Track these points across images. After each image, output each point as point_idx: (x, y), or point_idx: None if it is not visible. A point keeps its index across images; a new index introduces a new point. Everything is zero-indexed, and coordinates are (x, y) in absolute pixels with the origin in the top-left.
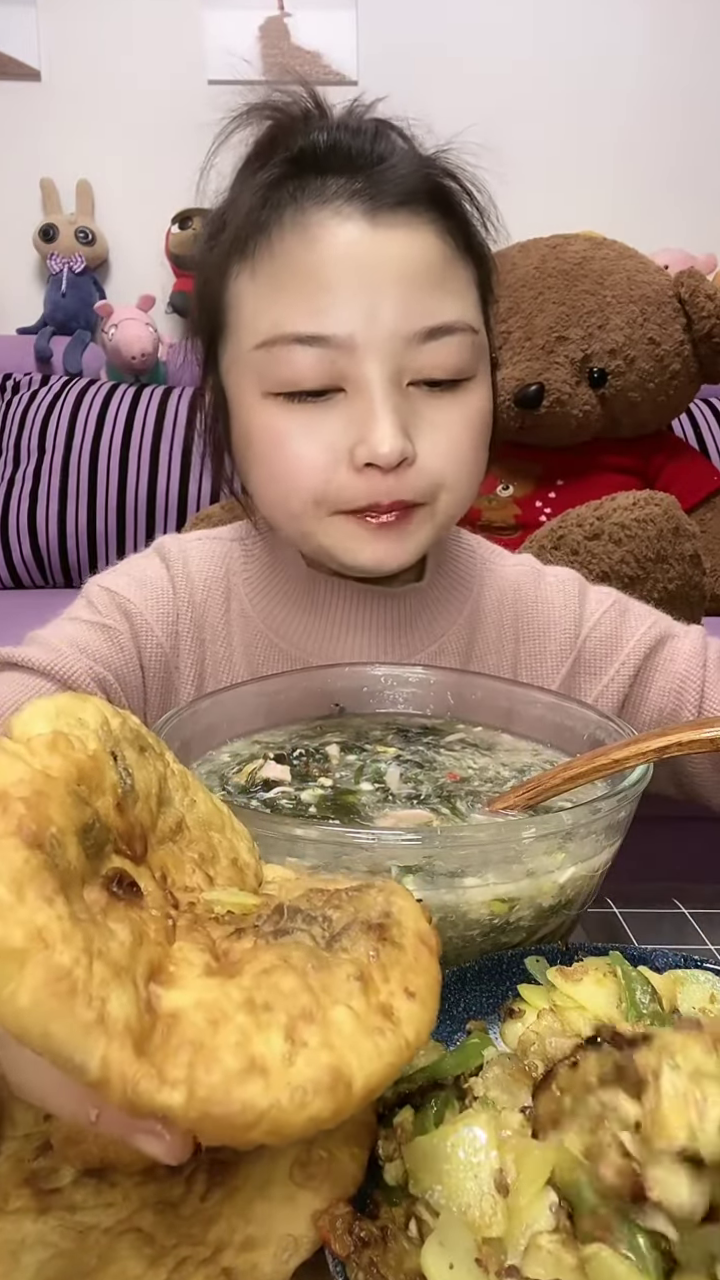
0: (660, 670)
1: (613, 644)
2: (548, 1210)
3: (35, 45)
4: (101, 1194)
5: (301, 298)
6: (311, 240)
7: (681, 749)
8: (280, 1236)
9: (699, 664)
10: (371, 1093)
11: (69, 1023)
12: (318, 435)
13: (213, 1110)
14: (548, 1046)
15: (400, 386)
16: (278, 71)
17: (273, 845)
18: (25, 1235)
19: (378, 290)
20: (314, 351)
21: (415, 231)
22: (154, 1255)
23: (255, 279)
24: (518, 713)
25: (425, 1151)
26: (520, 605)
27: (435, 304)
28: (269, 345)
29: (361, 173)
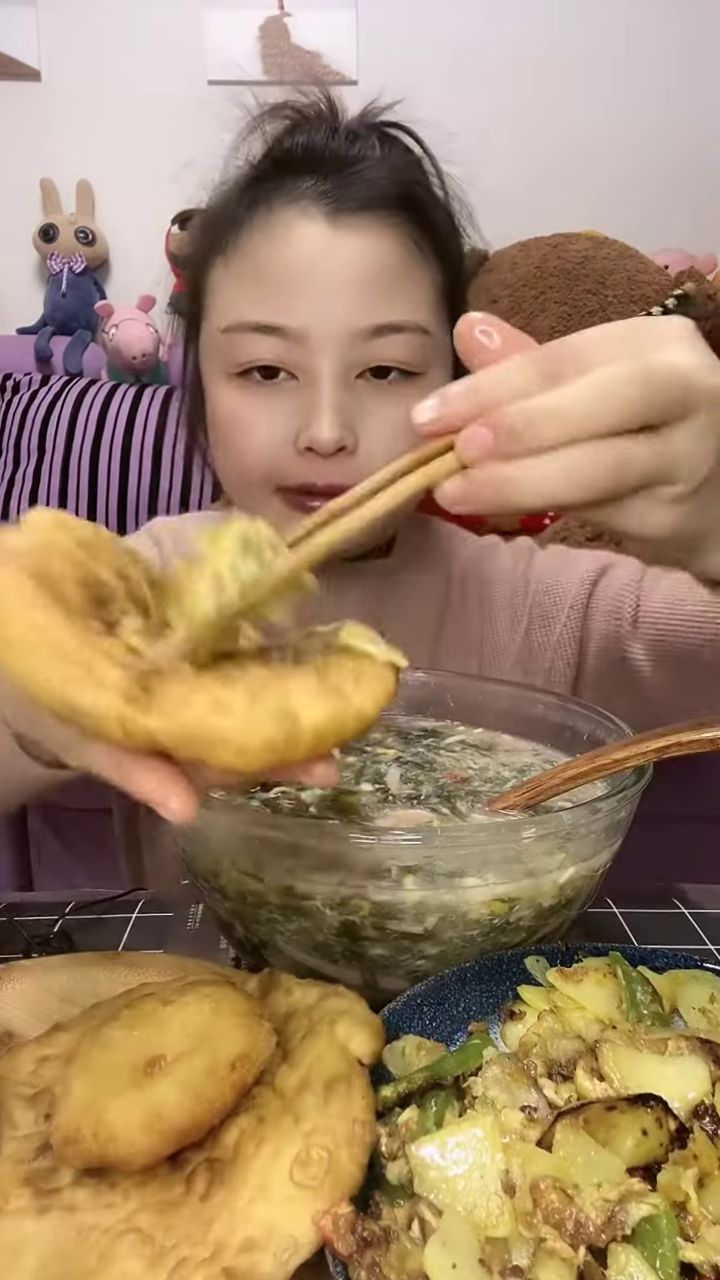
0: (600, 598)
1: (558, 591)
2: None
3: (35, 45)
4: (101, 1194)
5: (261, 290)
6: (275, 237)
7: (682, 749)
8: (280, 1236)
9: (635, 580)
10: (319, 735)
11: (76, 684)
12: (269, 416)
13: (189, 730)
14: (549, 1049)
15: (348, 379)
16: (278, 71)
17: (273, 845)
18: (25, 1235)
19: (332, 288)
20: (270, 340)
21: (375, 234)
22: (154, 1255)
23: (227, 269)
24: (518, 713)
25: (429, 1151)
26: (480, 580)
27: (386, 304)
28: (231, 331)
29: (332, 175)
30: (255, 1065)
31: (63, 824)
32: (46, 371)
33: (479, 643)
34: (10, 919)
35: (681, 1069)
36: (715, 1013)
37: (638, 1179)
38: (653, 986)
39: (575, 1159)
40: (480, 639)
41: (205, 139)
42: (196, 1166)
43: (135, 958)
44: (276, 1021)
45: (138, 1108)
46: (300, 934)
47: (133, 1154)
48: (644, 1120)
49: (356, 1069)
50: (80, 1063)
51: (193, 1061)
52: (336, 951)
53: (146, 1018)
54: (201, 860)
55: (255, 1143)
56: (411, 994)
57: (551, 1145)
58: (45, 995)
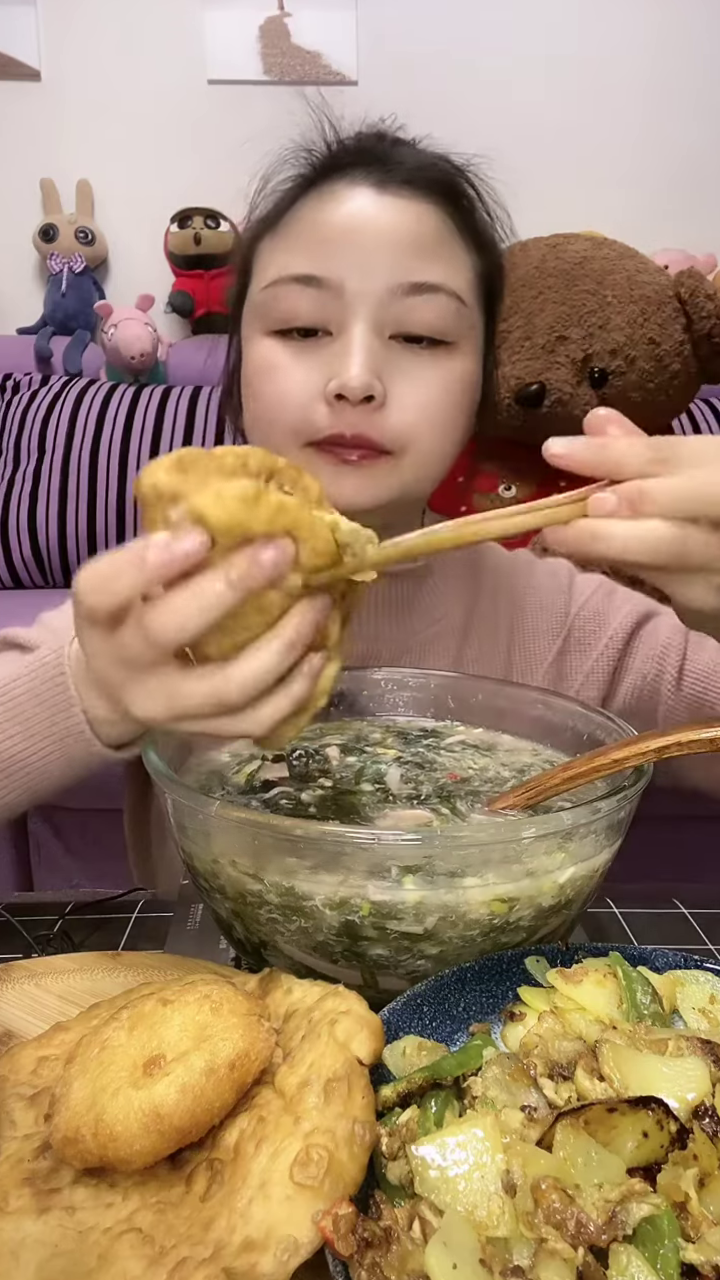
0: (644, 641)
1: (600, 621)
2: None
3: (35, 45)
4: (101, 1194)
5: (306, 246)
6: (324, 202)
7: (682, 749)
8: (280, 1236)
9: (681, 634)
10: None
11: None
12: (304, 369)
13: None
14: (550, 1050)
15: (381, 335)
16: (278, 72)
17: (273, 845)
18: (25, 1235)
19: (371, 245)
20: (309, 292)
21: (416, 204)
22: (154, 1255)
23: (274, 239)
24: (517, 713)
25: (430, 1151)
26: (515, 590)
27: (422, 264)
28: (273, 286)
29: (381, 161)
30: (255, 1065)
31: (63, 824)
32: (46, 371)
33: (507, 650)
34: (10, 919)
35: (681, 1070)
36: (715, 1013)
37: (638, 1179)
38: (653, 987)
39: (576, 1159)
40: (509, 647)
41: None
42: (196, 1166)
43: (135, 958)
44: (276, 1021)
45: (138, 1108)
46: (300, 934)
47: (133, 1154)
48: (645, 1122)
49: (356, 1069)
50: (80, 1063)
51: (192, 1061)
52: (336, 951)
53: (146, 1018)
54: (201, 860)
55: (255, 1143)
56: (411, 994)
57: (552, 1146)
58: (45, 995)
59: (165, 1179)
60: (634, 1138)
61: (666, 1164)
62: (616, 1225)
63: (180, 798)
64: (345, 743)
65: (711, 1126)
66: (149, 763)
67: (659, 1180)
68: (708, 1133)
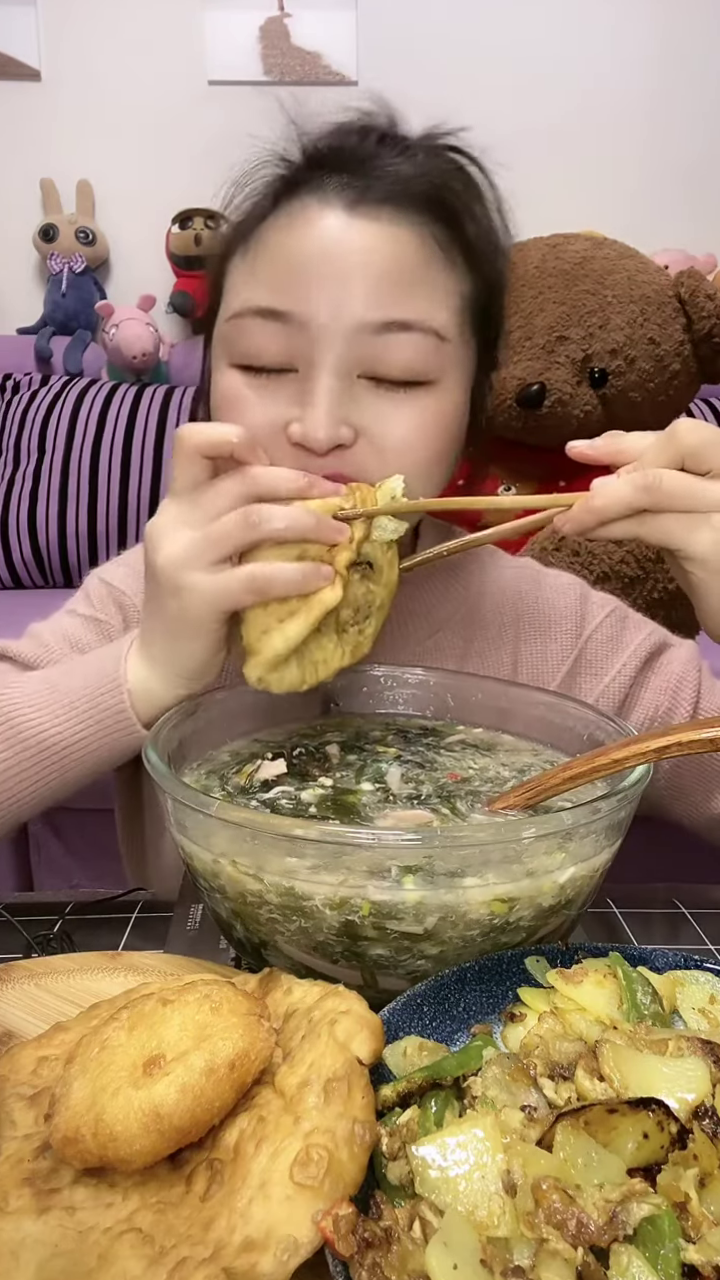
0: (658, 672)
1: (613, 648)
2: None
3: (35, 45)
4: (101, 1194)
5: (271, 276)
6: (293, 225)
7: (682, 749)
8: (280, 1236)
9: (695, 667)
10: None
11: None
12: (266, 407)
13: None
14: (551, 1050)
15: (349, 376)
16: (278, 72)
17: (273, 845)
18: (25, 1235)
19: (341, 277)
20: (272, 326)
21: (394, 228)
22: (154, 1255)
23: (244, 260)
24: (518, 713)
25: (430, 1151)
26: (521, 606)
27: (399, 300)
28: (237, 317)
29: (359, 171)
30: (255, 1065)
31: (63, 824)
32: (46, 371)
33: (513, 666)
34: (10, 919)
35: (681, 1070)
36: (715, 1013)
37: (639, 1179)
38: (653, 987)
39: (576, 1160)
40: (515, 662)
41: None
42: (196, 1166)
43: (135, 958)
44: (276, 1021)
45: (137, 1108)
46: (300, 934)
47: (132, 1154)
48: (645, 1124)
49: (356, 1069)
50: (80, 1063)
51: (192, 1061)
52: (336, 951)
53: (146, 1018)
54: (201, 860)
55: (255, 1143)
56: (411, 994)
57: (552, 1146)
58: (45, 995)
59: (165, 1179)
60: (634, 1139)
61: (667, 1164)
62: (617, 1225)
63: (180, 798)
64: (346, 740)
65: (711, 1127)
66: (149, 763)
67: (659, 1180)
68: (708, 1133)
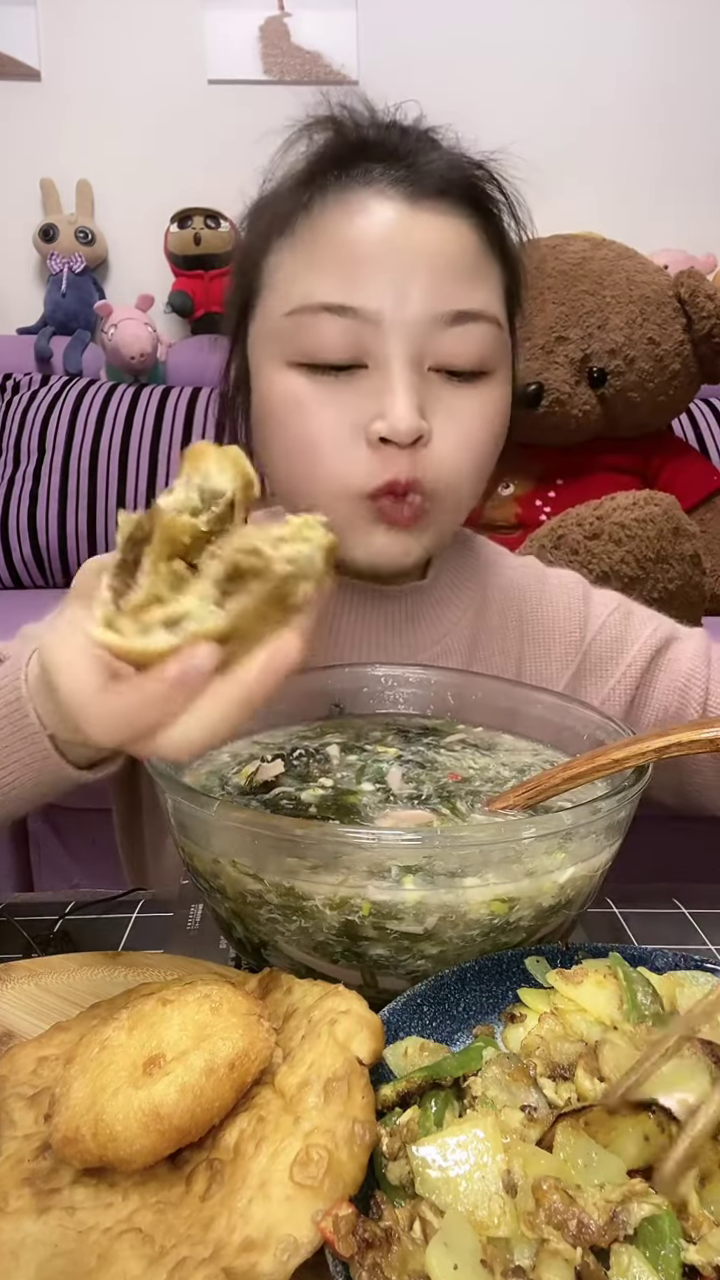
0: (665, 670)
1: (619, 646)
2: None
3: (35, 45)
4: (101, 1194)
5: (335, 269)
6: (352, 215)
7: (682, 749)
8: (280, 1236)
9: (703, 663)
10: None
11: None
12: (337, 408)
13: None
14: (551, 1051)
15: (421, 369)
16: (278, 72)
17: (273, 845)
18: (25, 1235)
19: (410, 270)
20: (341, 322)
21: (452, 220)
22: (154, 1255)
23: (294, 250)
24: (518, 713)
25: (430, 1152)
26: (525, 607)
27: (464, 291)
28: (298, 313)
29: (404, 163)
30: (255, 1065)
31: (63, 824)
32: (46, 371)
33: (517, 669)
34: (10, 919)
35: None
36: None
37: (639, 1179)
38: (653, 987)
39: (576, 1160)
40: (519, 665)
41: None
42: (196, 1166)
43: (135, 958)
44: (276, 1021)
45: (137, 1108)
46: (300, 934)
47: (132, 1154)
48: (646, 1125)
49: (356, 1069)
50: (80, 1063)
51: (192, 1061)
52: (336, 951)
53: (146, 1018)
54: (201, 860)
55: (255, 1143)
56: (411, 994)
57: (552, 1146)
58: (45, 995)
59: (165, 1179)
60: (635, 1142)
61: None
62: (618, 1225)
63: (180, 798)
64: (346, 740)
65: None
66: (149, 764)
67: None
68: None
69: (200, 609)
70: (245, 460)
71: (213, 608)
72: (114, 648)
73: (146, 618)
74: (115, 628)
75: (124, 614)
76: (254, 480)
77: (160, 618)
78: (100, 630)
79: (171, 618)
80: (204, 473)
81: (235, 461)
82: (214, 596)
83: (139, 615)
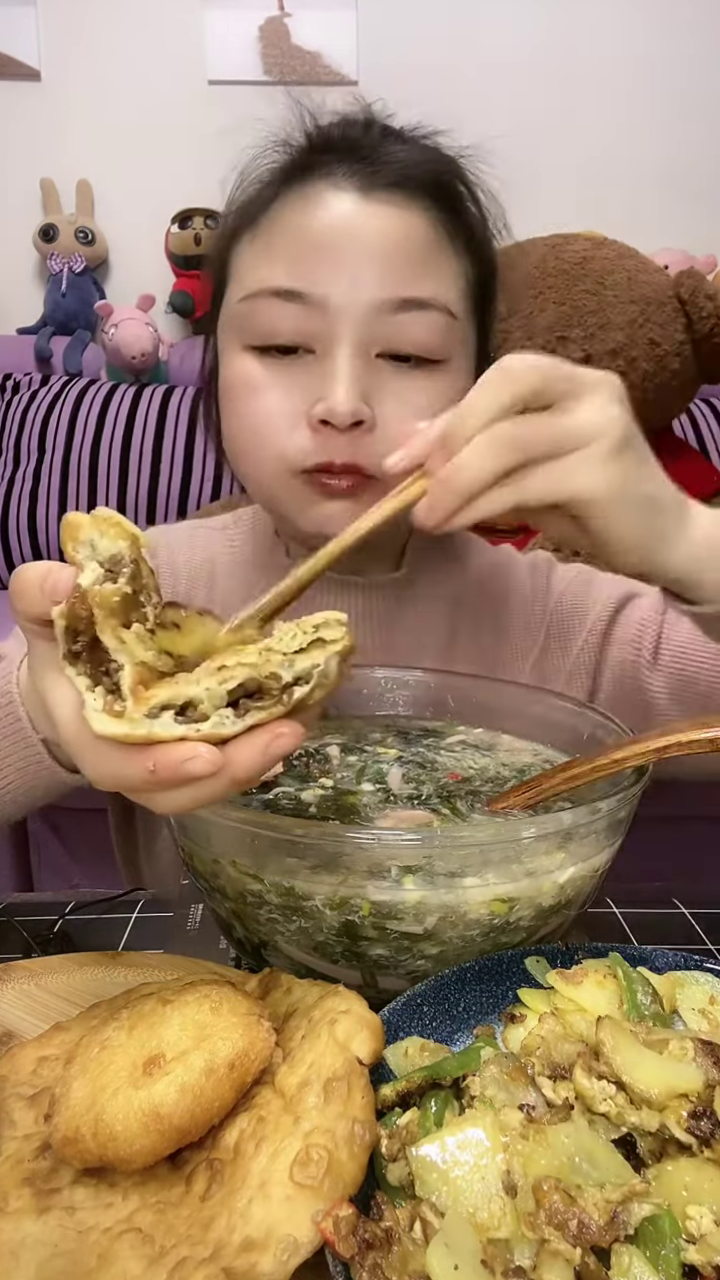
0: (621, 625)
1: (579, 611)
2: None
3: (35, 45)
4: (101, 1194)
5: (286, 256)
6: (306, 207)
7: (682, 749)
8: (280, 1236)
9: (657, 612)
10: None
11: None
12: (284, 390)
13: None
14: (551, 1051)
15: (368, 355)
16: (278, 72)
17: (273, 845)
18: (25, 1235)
19: (358, 257)
20: (290, 307)
21: (405, 210)
22: (154, 1255)
23: (254, 242)
24: (518, 713)
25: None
26: (497, 594)
27: (414, 278)
28: (252, 298)
29: (366, 158)
30: (255, 1065)
31: (63, 824)
32: (46, 371)
33: (493, 660)
34: (10, 919)
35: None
36: (715, 1013)
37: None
38: (653, 987)
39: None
40: (494, 656)
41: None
42: (196, 1166)
43: (135, 958)
44: (276, 1021)
45: (137, 1108)
46: (300, 934)
47: (132, 1154)
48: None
49: (356, 1069)
50: (80, 1063)
51: (192, 1061)
52: (336, 951)
53: (146, 1018)
54: (201, 860)
55: (255, 1142)
56: (411, 994)
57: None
58: (45, 995)
59: (165, 1179)
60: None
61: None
62: (618, 1225)
63: None
64: (346, 741)
65: (709, 1127)
66: None
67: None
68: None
69: (217, 716)
70: (122, 518)
71: (231, 715)
72: (120, 739)
73: (149, 697)
74: (114, 710)
75: (125, 694)
76: (138, 534)
77: (164, 700)
78: (103, 723)
79: (173, 702)
80: (88, 543)
81: (116, 524)
82: (223, 696)
83: (140, 694)
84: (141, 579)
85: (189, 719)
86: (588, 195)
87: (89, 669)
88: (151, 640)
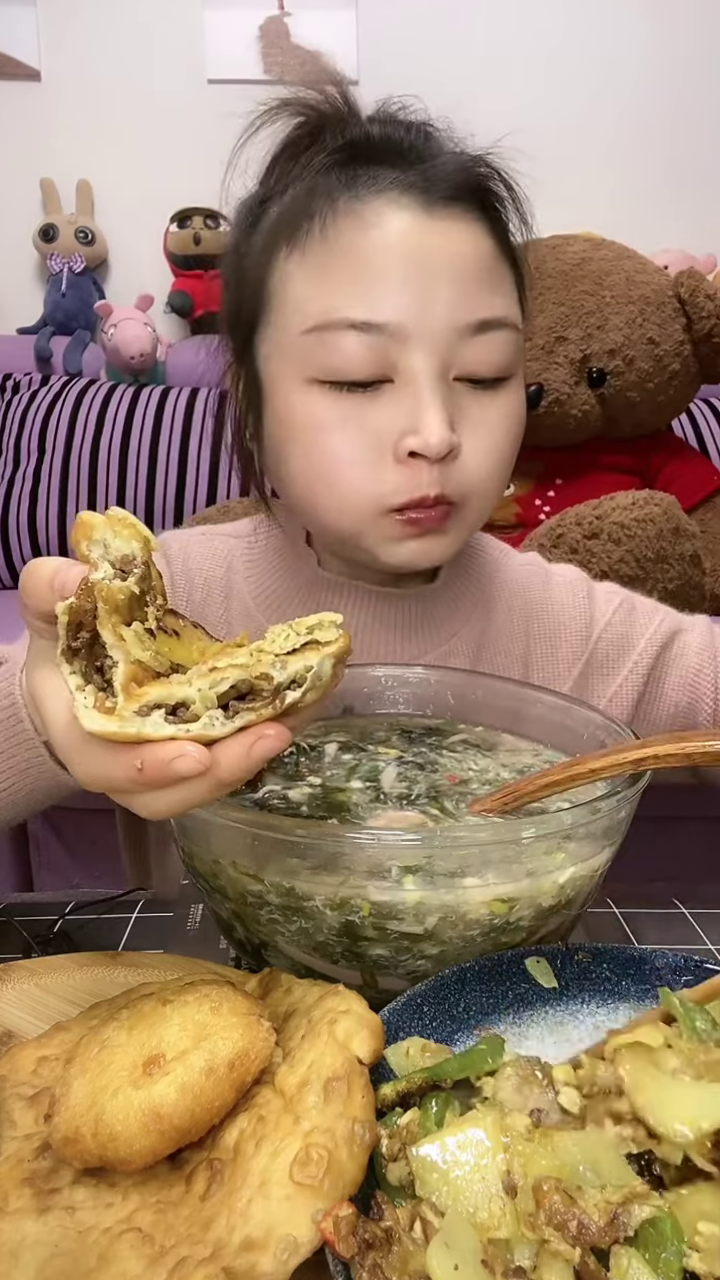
0: (673, 666)
1: (624, 644)
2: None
3: (35, 45)
4: (101, 1194)
5: (355, 283)
6: (367, 226)
7: (658, 762)
8: (280, 1236)
9: (710, 657)
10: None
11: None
12: (363, 426)
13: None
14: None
15: (447, 379)
16: (278, 71)
17: (273, 846)
18: (25, 1235)
19: (431, 280)
20: (365, 339)
21: (467, 226)
22: (154, 1255)
23: (304, 264)
24: (519, 713)
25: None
26: (530, 607)
27: (485, 298)
28: (320, 330)
29: (413, 167)
30: (255, 1065)
31: (63, 824)
32: (46, 371)
33: (524, 668)
34: (10, 919)
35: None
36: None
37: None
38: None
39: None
40: (525, 666)
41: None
42: (196, 1166)
43: (135, 958)
44: (276, 1021)
45: (137, 1107)
46: (300, 934)
47: (132, 1154)
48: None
49: (356, 1069)
50: (80, 1063)
51: (192, 1061)
52: (336, 951)
53: (146, 1017)
54: (201, 860)
55: (255, 1142)
56: (411, 994)
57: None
58: (45, 995)
59: (165, 1179)
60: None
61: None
62: (618, 1227)
63: None
64: (349, 740)
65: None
66: None
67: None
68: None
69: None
70: (136, 520)
71: (221, 716)
72: (110, 736)
73: (141, 694)
74: (105, 707)
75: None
76: (150, 537)
77: (155, 698)
78: (92, 719)
79: (164, 701)
80: (101, 542)
81: (130, 525)
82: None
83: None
84: (150, 581)
85: (180, 719)
86: (587, 195)
87: (84, 666)
88: (150, 641)
